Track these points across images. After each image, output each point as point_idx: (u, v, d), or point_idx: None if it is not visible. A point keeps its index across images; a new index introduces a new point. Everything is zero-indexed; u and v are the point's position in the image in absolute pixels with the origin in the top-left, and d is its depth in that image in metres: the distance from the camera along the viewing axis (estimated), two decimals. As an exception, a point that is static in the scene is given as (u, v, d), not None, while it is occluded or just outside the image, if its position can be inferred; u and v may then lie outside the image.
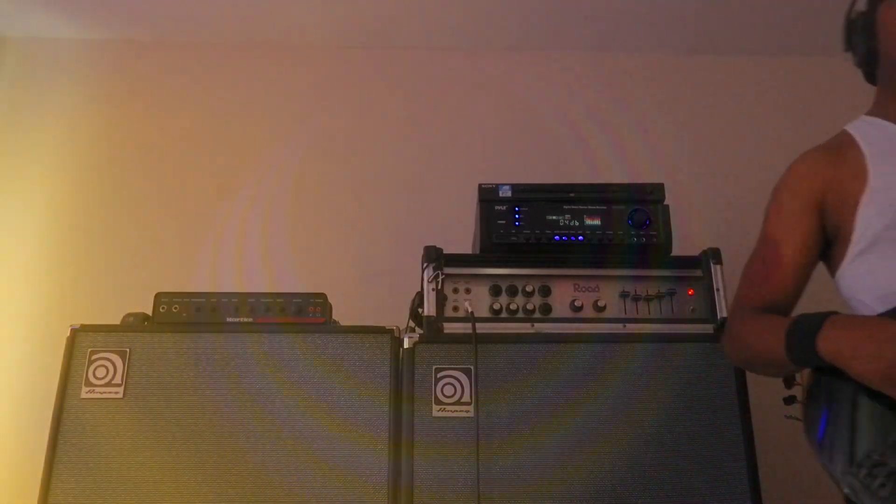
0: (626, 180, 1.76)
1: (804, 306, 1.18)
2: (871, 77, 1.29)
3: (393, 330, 1.54)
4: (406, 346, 1.51)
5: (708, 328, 1.57)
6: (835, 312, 1.04)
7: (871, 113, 1.28)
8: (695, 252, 1.66)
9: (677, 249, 1.68)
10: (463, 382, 1.48)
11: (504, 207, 1.65)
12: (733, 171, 2.42)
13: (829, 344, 1.01)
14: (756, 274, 1.24)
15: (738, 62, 2.58)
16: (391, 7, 2.41)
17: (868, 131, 1.24)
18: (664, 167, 2.34)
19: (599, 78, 2.56)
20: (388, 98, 2.54)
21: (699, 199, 2.32)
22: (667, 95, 2.54)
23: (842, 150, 1.23)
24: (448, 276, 1.59)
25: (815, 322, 1.03)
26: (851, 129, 1.26)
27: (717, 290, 1.59)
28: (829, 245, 1.23)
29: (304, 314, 1.58)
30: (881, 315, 1.05)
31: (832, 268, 1.23)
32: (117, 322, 1.63)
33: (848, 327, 1.00)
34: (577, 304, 1.59)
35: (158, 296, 1.63)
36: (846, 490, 0.98)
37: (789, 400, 1.61)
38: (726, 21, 2.43)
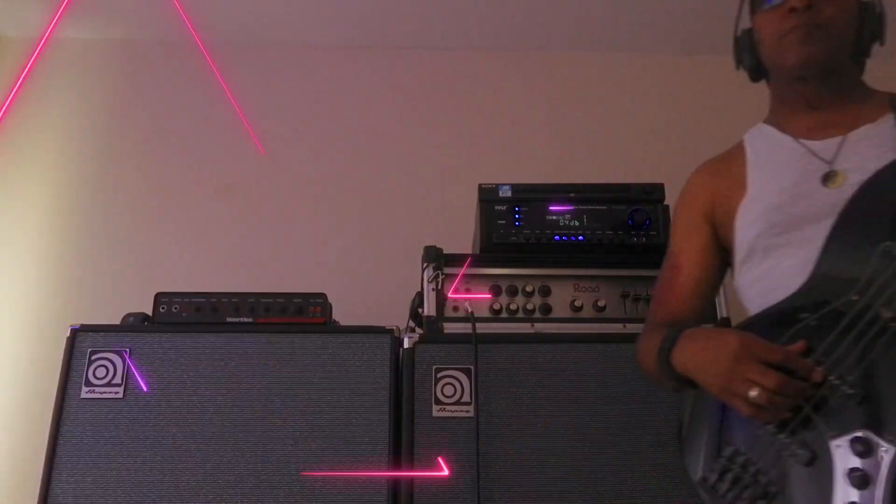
0: (626, 180, 1.76)
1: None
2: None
3: (393, 330, 1.54)
4: (406, 346, 1.51)
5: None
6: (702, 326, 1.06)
7: (765, 120, 1.27)
8: (695, 252, 1.66)
9: (677, 249, 1.68)
10: (463, 382, 1.48)
11: (504, 207, 1.65)
12: (733, 171, 2.42)
13: (680, 357, 1.02)
14: (660, 289, 1.24)
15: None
16: (391, 7, 2.41)
17: (756, 139, 1.24)
18: (664, 167, 2.34)
19: (599, 78, 2.56)
20: (388, 98, 2.54)
21: (699, 199, 2.32)
22: (667, 95, 2.54)
23: (732, 160, 1.23)
24: (448, 276, 1.59)
25: (674, 336, 1.05)
26: (746, 136, 1.27)
27: (717, 290, 1.59)
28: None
29: (304, 314, 1.58)
30: (746, 321, 1.06)
31: (732, 278, 1.22)
32: (117, 322, 1.63)
33: (694, 340, 1.02)
34: (577, 304, 1.59)
35: (158, 296, 1.63)
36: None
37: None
38: (726, 21, 2.43)
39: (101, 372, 1.51)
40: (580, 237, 1.65)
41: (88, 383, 1.50)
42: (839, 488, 0.86)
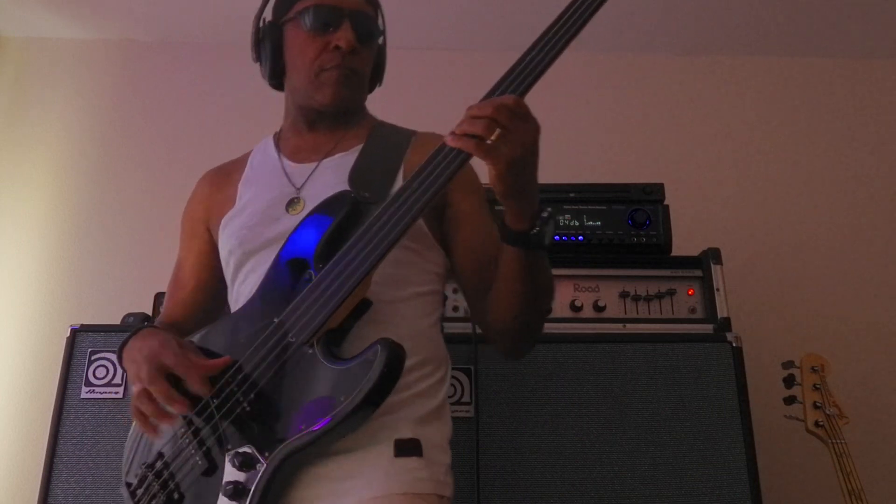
0: (626, 180, 1.76)
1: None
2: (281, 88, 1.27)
3: (393, 330, 1.54)
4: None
5: (708, 328, 1.57)
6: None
7: (276, 132, 1.26)
8: (695, 252, 1.67)
9: (677, 249, 1.68)
10: (463, 382, 1.48)
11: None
12: (733, 171, 2.42)
13: (126, 352, 1.03)
14: (167, 295, 1.24)
15: (738, 62, 2.58)
16: (391, 7, 2.41)
17: (259, 152, 1.24)
18: (664, 167, 2.34)
19: (599, 78, 2.56)
20: (388, 98, 2.53)
21: (699, 199, 2.32)
22: (667, 95, 2.54)
23: (234, 171, 1.23)
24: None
25: (130, 334, 1.06)
26: (255, 147, 1.26)
27: (717, 290, 1.59)
28: None
29: (304, 314, 1.58)
30: (200, 331, 1.06)
31: None
32: (117, 322, 1.63)
33: (140, 338, 1.02)
34: (577, 304, 1.59)
35: (158, 296, 1.63)
36: None
37: (789, 400, 1.61)
38: (726, 21, 2.43)
39: (101, 372, 1.51)
40: (580, 237, 1.65)
41: (88, 383, 1.50)
42: (221, 499, 0.91)
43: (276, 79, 1.22)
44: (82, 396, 1.49)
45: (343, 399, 0.86)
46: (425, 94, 2.56)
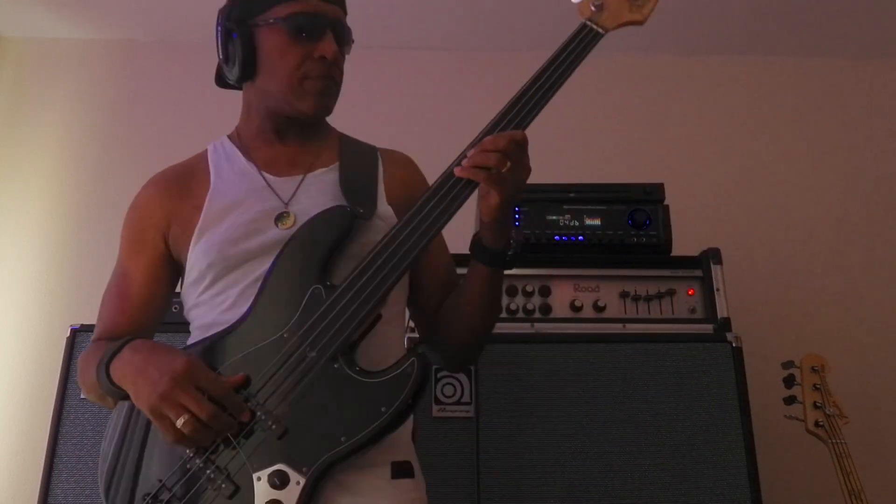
0: (626, 180, 1.76)
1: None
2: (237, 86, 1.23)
3: (393, 330, 1.54)
4: (406, 345, 1.51)
5: (708, 328, 1.57)
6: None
7: (232, 135, 1.24)
8: (695, 252, 1.67)
9: (677, 249, 1.68)
10: (463, 382, 1.48)
11: (504, 207, 1.65)
12: (733, 171, 2.42)
13: (119, 366, 0.97)
14: (108, 305, 1.17)
15: (738, 62, 2.58)
16: (391, 7, 2.41)
17: (221, 160, 1.19)
18: (664, 167, 2.34)
19: (600, 78, 2.56)
20: (389, 98, 2.54)
21: (699, 199, 2.32)
22: (667, 95, 2.54)
23: (193, 178, 1.18)
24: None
25: (119, 345, 1.00)
26: (210, 153, 1.22)
27: (717, 290, 1.59)
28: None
29: (304, 314, 1.58)
30: (189, 346, 1.04)
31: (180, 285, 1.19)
32: (117, 322, 1.62)
33: (139, 351, 0.98)
34: (577, 304, 1.59)
35: (158, 296, 1.63)
36: None
37: (789, 400, 1.61)
38: (726, 21, 2.43)
39: (101, 372, 1.51)
40: (580, 237, 1.65)
41: (88, 383, 1.50)
42: None
43: (245, 80, 1.18)
44: (82, 396, 1.49)
45: (384, 409, 0.91)
46: (425, 94, 2.56)
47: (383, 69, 2.56)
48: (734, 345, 1.52)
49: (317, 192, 1.11)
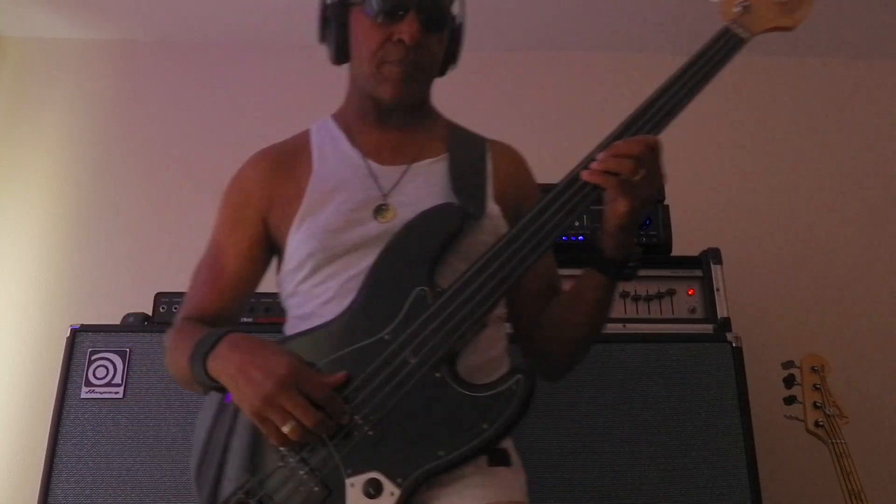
0: (626, 180, 1.75)
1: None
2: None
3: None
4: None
5: (708, 328, 1.57)
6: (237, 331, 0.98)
7: (336, 115, 1.20)
8: (695, 252, 1.67)
9: (677, 249, 1.68)
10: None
11: (504, 207, 1.65)
12: (733, 171, 2.42)
13: (218, 363, 0.93)
14: (200, 282, 1.13)
15: (738, 62, 2.57)
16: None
17: (325, 142, 1.15)
18: (664, 167, 2.34)
19: (599, 78, 2.56)
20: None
21: (699, 199, 2.32)
22: (667, 95, 2.54)
23: (296, 158, 1.13)
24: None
25: (215, 338, 0.95)
26: (314, 133, 1.18)
27: (717, 290, 1.59)
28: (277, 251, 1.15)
29: (304, 314, 1.58)
30: (287, 338, 1.01)
31: (277, 269, 1.16)
32: (117, 322, 1.63)
33: (239, 348, 0.93)
34: (577, 304, 1.59)
35: (158, 296, 1.63)
36: None
37: (789, 400, 1.61)
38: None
39: (101, 372, 1.51)
40: (580, 237, 1.65)
41: (88, 383, 1.50)
42: None
43: (342, 60, 1.15)
44: (82, 396, 1.49)
45: (486, 427, 0.88)
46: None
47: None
48: (734, 345, 1.52)
49: (423, 182, 1.07)
